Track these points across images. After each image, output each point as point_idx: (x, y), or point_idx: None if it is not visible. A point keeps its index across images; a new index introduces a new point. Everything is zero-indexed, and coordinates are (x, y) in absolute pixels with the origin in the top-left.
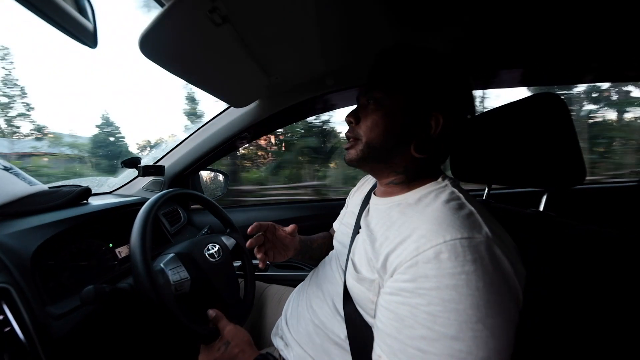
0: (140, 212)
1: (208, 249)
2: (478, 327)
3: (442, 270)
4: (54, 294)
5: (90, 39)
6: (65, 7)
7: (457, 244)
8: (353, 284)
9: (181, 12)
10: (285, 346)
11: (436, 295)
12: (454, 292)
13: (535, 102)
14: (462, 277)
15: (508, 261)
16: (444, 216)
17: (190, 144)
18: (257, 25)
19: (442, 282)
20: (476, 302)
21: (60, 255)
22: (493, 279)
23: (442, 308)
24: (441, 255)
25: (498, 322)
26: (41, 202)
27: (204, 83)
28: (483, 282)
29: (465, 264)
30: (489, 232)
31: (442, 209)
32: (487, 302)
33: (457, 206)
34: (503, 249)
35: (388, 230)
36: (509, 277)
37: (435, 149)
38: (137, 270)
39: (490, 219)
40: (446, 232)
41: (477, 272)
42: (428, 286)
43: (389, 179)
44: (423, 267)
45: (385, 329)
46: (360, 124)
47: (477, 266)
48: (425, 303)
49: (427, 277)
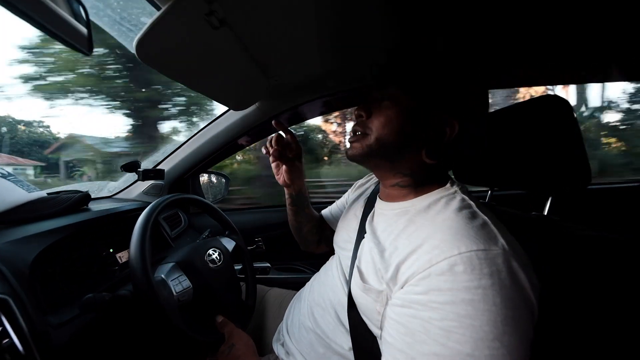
0: (137, 223)
1: (209, 254)
2: (495, 345)
3: (457, 283)
4: (53, 302)
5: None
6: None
7: (473, 256)
8: (359, 294)
9: (177, 16)
10: (287, 354)
11: (451, 310)
12: (470, 307)
13: (540, 104)
14: (478, 291)
15: (525, 274)
16: (458, 226)
17: (190, 147)
18: (255, 28)
19: (457, 296)
20: (493, 318)
21: (60, 262)
22: (510, 293)
23: (458, 324)
24: (456, 268)
25: (515, 339)
26: (40, 209)
27: (202, 87)
28: (501, 298)
29: (482, 278)
30: (505, 244)
31: (454, 218)
32: (505, 319)
33: (470, 215)
34: (519, 261)
35: (397, 239)
36: (526, 291)
37: (446, 155)
38: (138, 284)
39: (504, 229)
40: (461, 244)
41: (494, 286)
42: (442, 300)
43: (395, 181)
44: (436, 280)
45: (395, 343)
46: (371, 119)
47: (495, 280)
48: (439, 318)
49: (441, 290)
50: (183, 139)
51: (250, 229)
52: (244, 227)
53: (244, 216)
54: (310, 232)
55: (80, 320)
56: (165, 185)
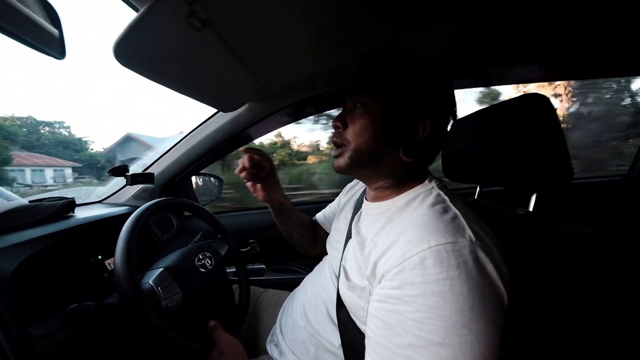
0: (123, 229)
1: (199, 259)
2: (463, 332)
3: (428, 276)
4: (37, 313)
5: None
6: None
7: (441, 249)
8: (345, 292)
9: (157, 17)
10: (280, 354)
11: (422, 302)
12: (439, 298)
13: (523, 102)
14: (446, 282)
15: (492, 264)
16: (429, 221)
17: (179, 150)
18: (240, 28)
19: (427, 289)
20: (461, 307)
21: (45, 272)
22: (477, 283)
23: (428, 315)
24: (426, 262)
25: (482, 326)
26: (21, 217)
27: (188, 89)
28: (467, 287)
29: (449, 269)
30: (472, 236)
31: (427, 213)
32: (472, 307)
33: (441, 210)
34: (487, 251)
35: (377, 236)
36: (493, 280)
37: (423, 152)
38: (123, 293)
39: (475, 220)
40: (431, 238)
41: (461, 276)
42: (414, 293)
43: (378, 184)
44: (409, 274)
45: (375, 337)
46: (347, 129)
47: (461, 271)
48: (412, 310)
49: (413, 284)
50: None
51: (244, 230)
52: (237, 229)
53: (237, 218)
54: (302, 236)
55: (66, 331)
56: (156, 189)
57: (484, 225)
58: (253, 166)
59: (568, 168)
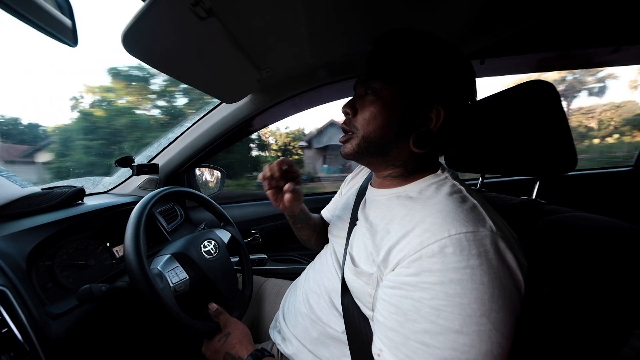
0: (132, 214)
1: (204, 245)
2: (482, 321)
3: (447, 264)
4: (52, 294)
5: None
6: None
7: (462, 238)
8: (351, 278)
9: (163, 6)
10: (283, 340)
11: (440, 289)
12: (458, 286)
13: (527, 89)
14: (467, 271)
15: (512, 254)
16: (448, 210)
17: (183, 141)
18: (244, 18)
19: (446, 277)
20: (481, 296)
21: (58, 255)
22: (497, 272)
23: (447, 302)
24: (446, 250)
25: (501, 315)
26: (34, 204)
27: (192, 79)
28: (488, 276)
29: (470, 258)
30: (493, 226)
31: (445, 202)
32: (492, 297)
33: (460, 199)
34: (507, 242)
35: (389, 223)
36: (513, 270)
37: (435, 142)
38: (134, 275)
39: (492, 212)
40: (451, 226)
41: (482, 266)
42: (432, 280)
43: (387, 172)
44: (427, 261)
45: (386, 322)
46: (357, 116)
47: (482, 260)
48: (429, 297)
49: (432, 272)
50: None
51: (246, 221)
52: (240, 219)
53: (240, 209)
54: (319, 237)
55: (79, 311)
56: (160, 180)
57: (500, 217)
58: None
59: (572, 154)
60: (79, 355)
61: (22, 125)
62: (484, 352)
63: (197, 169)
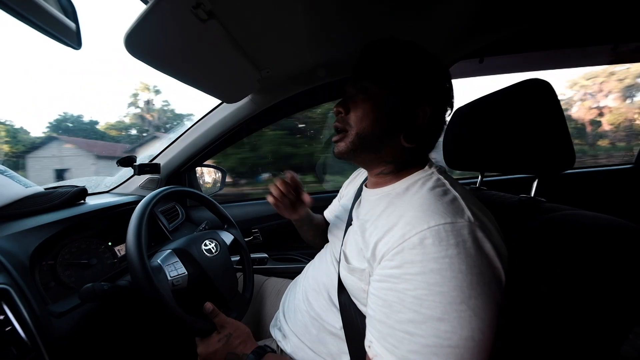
0: (134, 212)
1: (205, 244)
2: (462, 308)
3: (427, 255)
4: (55, 292)
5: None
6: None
7: (440, 229)
8: (346, 275)
9: (165, 9)
10: (283, 337)
11: (422, 279)
12: (438, 275)
13: (524, 88)
14: (445, 260)
15: (490, 243)
16: (429, 203)
17: (184, 141)
18: (243, 19)
19: (427, 267)
20: (459, 284)
21: (60, 254)
22: (475, 261)
23: (428, 292)
24: (425, 241)
25: (480, 302)
26: (37, 203)
27: (194, 80)
28: (466, 265)
29: (448, 248)
30: (471, 217)
31: (427, 196)
32: (470, 284)
33: (441, 192)
34: (485, 231)
35: (377, 219)
36: (491, 259)
37: (423, 138)
38: (133, 266)
39: (475, 203)
40: (430, 218)
41: (459, 255)
42: (414, 271)
43: (379, 169)
44: (409, 253)
45: (375, 315)
46: (350, 114)
47: (460, 249)
48: (412, 288)
49: (413, 263)
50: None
51: (247, 220)
52: (241, 219)
53: (241, 208)
54: (323, 237)
55: (81, 310)
56: (162, 179)
57: (484, 207)
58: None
59: (570, 152)
60: (81, 353)
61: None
62: (464, 338)
63: (197, 168)
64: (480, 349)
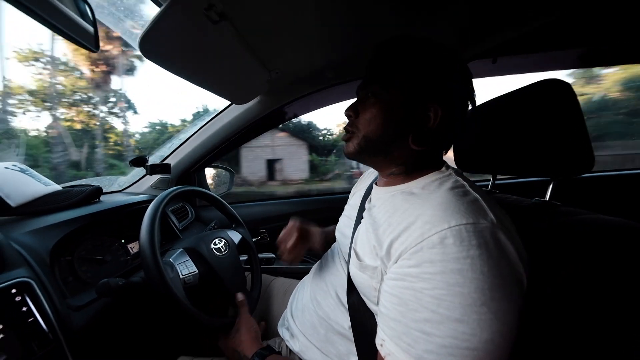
0: (147, 210)
1: (215, 243)
2: (482, 310)
3: (447, 255)
4: (72, 287)
5: (91, 42)
6: (66, 12)
7: (462, 229)
8: (356, 273)
9: (178, 11)
10: (291, 337)
11: (441, 279)
12: (458, 276)
13: (542, 88)
14: (467, 261)
15: (512, 246)
16: (449, 202)
17: (194, 142)
18: (254, 21)
19: (447, 267)
20: (481, 285)
21: (77, 251)
22: (497, 263)
23: (447, 292)
24: (446, 241)
25: (502, 305)
26: (56, 201)
27: (204, 82)
28: (488, 267)
29: (470, 249)
30: (493, 218)
31: (446, 196)
32: (492, 286)
33: (461, 193)
34: (507, 234)
35: (391, 217)
36: (513, 261)
37: (435, 140)
38: (147, 264)
39: (495, 206)
40: (451, 218)
41: (482, 256)
42: (433, 270)
43: (389, 170)
44: (428, 253)
45: (389, 313)
46: (358, 118)
47: (482, 251)
48: (430, 287)
49: (432, 262)
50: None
51: (255, 220)
52: (249, 219)
53: (249, 209)
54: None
55: (98, 304)
56: (172, 179)
57: (503, 210)
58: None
59: (589, 155)
60: (97, 345)
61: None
62: (484, 341)
63: (206, 169)
64: (499, 353)
